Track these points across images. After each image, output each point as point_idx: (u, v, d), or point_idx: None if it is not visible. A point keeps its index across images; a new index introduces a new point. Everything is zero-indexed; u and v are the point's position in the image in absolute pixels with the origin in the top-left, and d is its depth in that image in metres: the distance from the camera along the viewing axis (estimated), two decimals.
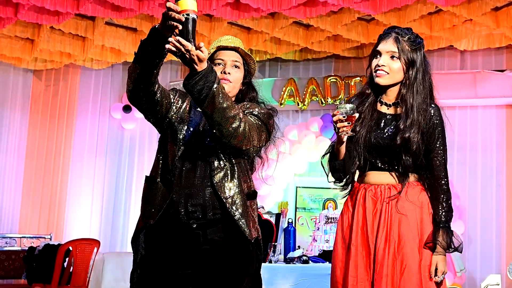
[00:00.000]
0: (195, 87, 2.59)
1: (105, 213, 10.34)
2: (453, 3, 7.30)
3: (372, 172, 3.11)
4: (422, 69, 3.06)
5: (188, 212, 2.85)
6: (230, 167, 2.92)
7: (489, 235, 8.88)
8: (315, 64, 10.27)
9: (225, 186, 2.87)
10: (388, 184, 3.07)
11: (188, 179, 2.88)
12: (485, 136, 9.18)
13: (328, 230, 6.92)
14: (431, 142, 3.05)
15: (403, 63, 3.02)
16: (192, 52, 2.52)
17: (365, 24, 8.72)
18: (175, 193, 2.88)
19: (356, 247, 3.05)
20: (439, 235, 2.97)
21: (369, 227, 3.03)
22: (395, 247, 2.96)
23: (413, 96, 3.01)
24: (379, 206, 3.05)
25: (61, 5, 7.39)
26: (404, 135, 2.98)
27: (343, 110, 2.91)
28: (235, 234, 2.88)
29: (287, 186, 9.77)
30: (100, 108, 10.60)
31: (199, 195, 2.86)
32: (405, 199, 3.02)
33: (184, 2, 2.47)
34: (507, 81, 8.95)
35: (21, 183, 10.32)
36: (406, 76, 3.03)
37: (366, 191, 3.10)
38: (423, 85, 3.04)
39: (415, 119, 2.99)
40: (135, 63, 2.77)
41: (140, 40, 8.17)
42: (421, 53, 3.07)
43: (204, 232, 2.87)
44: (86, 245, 8.02)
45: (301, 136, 9.65)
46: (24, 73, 10.45)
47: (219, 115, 2.64)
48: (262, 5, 7.45)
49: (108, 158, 10.51)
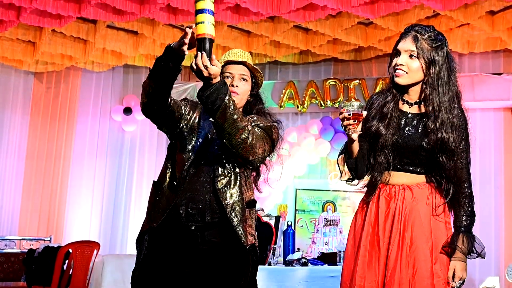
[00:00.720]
0: (209, 98, 2.77)
1: (105, 215, 10.36)
2: (450, 7, 7.36)
3: (393, 173, 3.02)
4: (445, 67, 2.96)
5: (188, 215, 3.01)
6: (234, 175, 3.07)
7: (487, 237, 8.91)
8: (315, 67, 10.32)
9: (226, 193, 3.03)
10: (403, 185, 2.98)
11: (191, 183, 3.04)
12: (483, 139, 9.21)
13: (327, 233, 6.96)
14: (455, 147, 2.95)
15: (422, 62, 2.94)
16: (210, 69, 2.73)
17: (363, 28, 8.77)
18: (178, 196, 3.03)
19: (365, 247, 2.98)
20: (459, 240, 2.88)
21: (380, 228, 2.97)
22: (407, 250, 2.89)
23: (438, 95, 2.93)
24: (392, 206, 2.97)
25: (63, 9, 7.45)
26: (437, 135, 2.90)
27: (350, 108, 2.88)
28: (232, 238, 3.02)
29: (286, 188, 9.81)
30: (100, 110, 10.63)
31: (200, 199, 3.02)
32: (419, 201, 2.95)
33: (203, 26, 2.71)
34: (504, 84, 9.01)
35: (21, 185, 10.31)
36: (427, 75, 2.95)
37: (381, 191, 3.03)
38: (448, 84, 2.96)
39: (445, 118, 2.91)
40: (150, 79, 2.99)
41: (140, 42, 8.14)
42: (443, 51, 2.97)
43: (202, 234, 3.02)
44: (86, 247, 8.04)
45: (301, 139, 9.69)
46: (25, 75, 10.47)
47: (229, 126, 2.83)
48: (262, 9, 7.51)
49: (109, 160, 10.53)
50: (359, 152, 3.03)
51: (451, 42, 8.58)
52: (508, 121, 9.22)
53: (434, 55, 2.94)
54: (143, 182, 10.38)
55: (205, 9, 2.72)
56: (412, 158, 2.97)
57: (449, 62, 2.99)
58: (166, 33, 8.75)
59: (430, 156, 2.95)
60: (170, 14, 7.84)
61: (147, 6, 7.46)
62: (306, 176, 9.94)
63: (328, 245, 6.88)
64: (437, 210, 2.95)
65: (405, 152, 2.98)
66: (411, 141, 2.96)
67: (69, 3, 7.46)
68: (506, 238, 8.94)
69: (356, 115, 2.88)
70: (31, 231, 10.11)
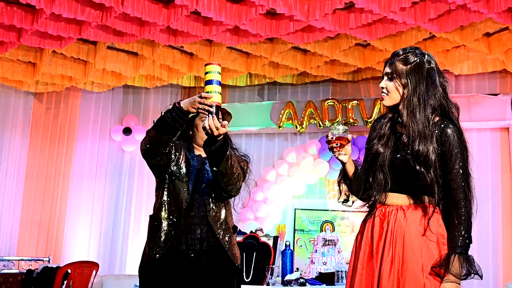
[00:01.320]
0: (216, 152, 3.28)
1: (104, 236, 10.36)
2: (446, 29, 7.45)
3: (389, 194, 3.02)
4: (423, 83, 2.95)
5: (188, 245, 3.49)
6: (221, 208, 3.58)
7: (485, 256, 8.93)
8: (313, 88, 10.39)
9: (217, 224, 3.53)
10: (398, 205, 2.97)
11: (187, 218, 3.51)
12: (480, 159, 9.25)
13: (326, 253, 6.96)
14: (448, 164, 2.88)
15: (397, 82, 2.98)
16: (220, 130, 3.19)
17: (361, 49, 8.86)
18: (178, 230, 3.49)
19: (362, 265, 3.00)
20: (451, 262, 2.79)
21: (374, 247, 2.98)
22: (399, 269, 2.87)
23: (407, 112, 2.95)
24: (385, 226, 2.97)
25: (63, 30, 7.52)
26: (416, 150, 2.88)
27: (334, 132, 3.02)
28: (224, 260, 3.54)
29: (285, 208, 9.83)
30: (100, 130, 10.68)
31: (197, 231, 3.51)
32: (411, 221, 2.92)
33: (216, 95, 3.19)
34: (500, 104, 9.08)
35: (20, 205, 10.32)
36: (403, 94, 2.97)
37: (377, 211, 3.04)
38: (425, 99, 2.93)
39: (420, 132, 2.89)
40: (156, 131, 3.40)
41: (139, 63, 8.22)
42: (420, 68, 2.98)
43: (199, 259, 3.49)
44: (84, 267, 8.06)
45: (299, 159, 9.73)
46: (25, 96, 10.53)
47: (225, 168, 3.36)
48: (260, 30, 7.59)
49: (108, 181, 10.56)
50: (354, 173, 3.11)
51: (448, 63, 8.68)
52: (505, 141, 9.28)
53: (409, 74, 2.97)
54: (142, 202, 10.40)
55: (213, 80, 3.20)
56: (407, 180, 2.96)
57: (426, 77, 2.98)
58: (166, 54, 8.82)
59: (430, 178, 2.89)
60: (169, 35, 7.92)
61: (147, 27, 7.53)
62: (305, 196, 9.96)
63: (326, 265, 6.87)
64: (429, 230, 2.90)
65: (399, 174, 2.98)
66: (403, 163, 2.96)
67: (70, 25, 7.53)
68: (504, 257, 8.96)
69: (339, 139, 3.01)
70: (30, 251, 10.11)
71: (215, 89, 3.19)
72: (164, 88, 10.73)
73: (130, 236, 10.29)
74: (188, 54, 9.07)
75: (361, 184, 3.12)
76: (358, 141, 9.54)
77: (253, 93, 10.59)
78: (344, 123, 9.65)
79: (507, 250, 8.97)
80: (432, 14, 7.03)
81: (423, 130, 2.89)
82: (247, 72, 9.39)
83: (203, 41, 8.43)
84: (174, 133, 3.37)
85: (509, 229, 9.03)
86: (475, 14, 7.03)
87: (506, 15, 7.13)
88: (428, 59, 3.03)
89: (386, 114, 3.13)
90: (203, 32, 7.64)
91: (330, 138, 3.02)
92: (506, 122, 9.13)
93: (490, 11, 6.85)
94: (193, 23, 7.53)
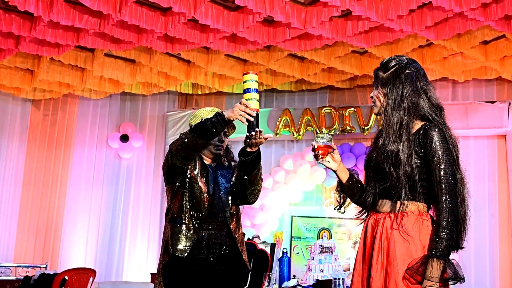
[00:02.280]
0: (254, 160, 3.57)
1: (101, 242, 10.34)
2: (443, 37, 7.48)
3: (379, 200, 3.02)
4: (400, 86, 2.98)
5: (209, 249, 3.67)
6: (237, 214, 3.81)
7: (482, 264, 8.94)
8: (310, 95, 10.41)
9: (236, 229, 3.75)
10: (386, 213, 2.95)
11: (208, 223, 3.69)
12: (477, 166, 9.28)
13: (323, 260, 6.97)
14: (430, 167, 2.85)
15: (379, 89, 3.05)
16: (262, 139, 3.48)
17: (358, 56, 8.88)
18: (200, 234, 3.67)
19: (358, 272, 3.05)
20: (428, 268, 2.73)
21: (366, 254, 3.02)
22: (383, 279, 2.87)
23: (384, 116, 3.01)
24: (375, 234, 2.98)
25: (61, 38, 7.53)
26: (384, 150, 2.92)
27: (319, 140, 3.15)
28: (239, 264, 3.75)
29: (282, 215, 9.82)
30: (97, 137, 10.67)
31: (218, 236, 3.70)
32: (396, 232, 2.89)
33: (254, 103, 3.39)
34: (498, 112, 9.10)
35: (17, 211, 10.29)
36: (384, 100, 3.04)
37: (370, 218, 3.07)
38: (398, 102, 2.96)
39: (390, 133, 2.93)
40: (195, 135, 3.51)
41: (137, 70, 8.27)
42: (398, 73, 3.02)
43: (217, 263, 3.67)
44: (82, 274, 8.04)
45: (296, 166, 9.73)
46: (23, 103, 10.53)
47: (256, 177, 3.67)
48: (258, 38, 7.61)
49: (105, 187, 10.54)
50: (348, 180, 3.21)
51: (444, 70, 8.71)
52: (502, 149, 9.29)
53: (388, 80, 3.02)
54: (139, 208, 10.39)
55: (251, 89, 3.43)
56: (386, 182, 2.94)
57: (406, 80, 3.00)
58: (163, 61, 8.84)
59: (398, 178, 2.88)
60: (167, 43, 7.93)
61: (145, 35, 7.54)
62: (302, 203, 9.97)
63: (323, 272, 6.88)
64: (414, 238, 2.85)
65: (379, 177, 2.98)
66: (380, 164, 2.97)
67: (68, 32, 7.54)
68: (501, 264, 8.95)
69: (321, 147, 3.14)
70: (27, 258, 10.09)
71: (254, 96, 3.40)
72: (162, 95, 10.74)
73: (127, 242, 10.27)
74: (185, 61, 9.09)
75: (354, 190, 3.19)
76: (355, 148, 9.56)
77: None
78: (341, 130, 9.68)
79: (504, 258, 8.97)
80: (429, 21, 7.06)
81: (395, 131, 2.91)
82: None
83: (200, 49, 8.45)
84: (211, 138, 3.51)
85: (506, 237, 9.03)
86: (472, 21, 7.06)
87: (503, 22, 7.16)
88: (408, 64, 3.06)
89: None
90: (200, 40, 7.66)
91: (315, 146, 3.15)
92: (503, 130, 9.14)
93: (487, 18, 6.89)
94: (190, 30, 7.55)
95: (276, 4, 6.62)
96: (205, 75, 9.38)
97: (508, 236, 9.02)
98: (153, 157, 10.60)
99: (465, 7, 6.56)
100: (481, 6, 6.75)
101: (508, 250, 8.97)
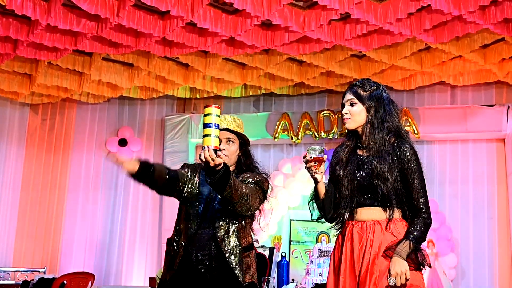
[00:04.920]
0: (218, 183, 3.34)
1: (100, 247, 10.32)
2: (442, 40, 7.47)
3: (359, 209, 3.35)
4: (381, 108, 3.38)
5: (198, 261, 3.66)
6: (231, 225, 3.71)
7: (481, 267, 8.93)
8: (309, 99, 10.40)
9: (225, 241, 3.66)
10: (373, 220, 3.29)
11: (198, 235, 3.68)
12: (476, 169, 9.29)
13: (322, 264, 6.95)
14: (407, 177, 3.28)
15: (362, 105, 3.39)
16: (216, 161, 3.23)
17: (357, 60, 8.87)
18: (189, 248, 3.68)
19: (344, 278, 3.28)
20: (401, 244, 3.14)
21: (355, 260, 3.27)
22: (375, 279, 3.16)
23: (371, 133, 3.35)
24: (364, 240, 3.26)
25: (59, 42, 7.52)
26: (373, 167, 3.28)
27: (312, 152, 3.32)
28: (231, 279, 3.66)
29: (281, 219, 9.80)
30: (95, 141, 10.66)
31: (207, 248, 3.67)
32: (388, 234, 3.24)
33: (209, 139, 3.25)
34: (496, 115, 9.11)
35: (16, 216, 10.28)
36: (367, 117, 3.38)
37: (354, 227, 3.33)
38: (383, 122, 3.35)
39: (377, 151, 3.31)
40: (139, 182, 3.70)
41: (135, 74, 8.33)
42: (378, 94, 3.41)
43: (211, 275, 3.65)
44: (80, 278, 8.03)
45: (295, 170, 9.72)
46: (21, 107, 10.52)
47: (233, 196, 3.45)
48: (256, 41, 7.60)
49: (103, 191, 10.53)
50: (325, 194, 3.43)
51: (443, 74, 8.71)
52: (501, 152, 9.29)
53: (370, 99, 3.39)
54: (138, 213, 10.38)
55: (211, 124, 3.27)
56: (373, 194, 3.30)
57: (384, 103, 3.40)
58: (161, 65, 8.83)
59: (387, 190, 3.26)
60: (165, 47, 7.92)
61: (143, 39, 7.54)
62: (301, 207, 9.93)
63: (322, 276, 6.85)
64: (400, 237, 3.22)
65: (364, 190, 3.32)
66: (366, 179, 3.32)
67: (65, 36, 7.53)
68: (500, 267, 8.95)
69: (317, 159, 3.32)
70: (26, 262, 10.07)
71: (213, 132, 3.27)
72: (160, 100, 10.73)
73: (126, 247, 10.25)
74: (183, 65, 9.07)
75: (331, 203, 3.44)
76: None
77: (248, 104, 10.59)
78: (340, 134, 9.67)
79: (503, 261, 8.96)
80: (428, 25, 7.06)
81: (380, 149, 3.31)
82: (242, 83, 9.39)
83: (198, 52, 8.44)
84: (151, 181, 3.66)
85: (505, 240, 9.03)
86: (471, 25, 7.06)
87: (502, 26, 7.15)
88: (382, 88, 3.47)
89: (344, 142, 3.52)
90: (198, 43, 7.65)
91: (309, 157, 3.33)
92: (502, 133, 9.14)
93: (486, 22, 6.88)
94: (188, 34, 7.54)
95: (275, 8, 6.61)
96: (203, 79, 9.37)
97: (507, 240, 9.01)
98: (152, 161, 10.55)
99: (464, 10, 6.55)
100: (480, 9, 6.75)
101: (507, 254, 8.96)
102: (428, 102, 9.67)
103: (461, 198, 9.28)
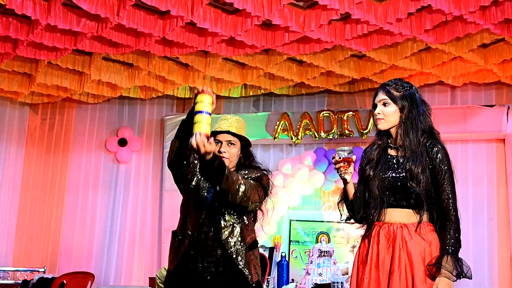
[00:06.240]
0: (213, 176, 3.37)
1: (100, 246, 10.32)
2: (442, 40, 7.47)
3: (389, 210, 3.35)
4: (415, 109, 3.39)
5: (204, 267, 3.65)
6: (234, 224, 3.71)
7: (481, 268, 8.93)
8: (309, 99, 10.39)
9: (230, 242, 3.66)
10: (400, 223, 3.29)
11: (202, 237, 3.68)
12: (476, 170, 9.28)
13: (321, 264, 6.96)
14: (438, 178, 3.27)
15: (393, 106, 3.39)
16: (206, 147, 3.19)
17: (357, 60, 8.87)
18: (194, 251, 3.68)
19: (369, 279, 3.29)
20: (444, 260, 3.13)
21: (380, 262, 3.28)
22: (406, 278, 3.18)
23: (407, 133, 3.35)
24: (391, 244, 3.28)
25: (59, 41, 7.51)
26: (408, 169, 3.27)
27: (341, 153, 3.38)
28: (240, 280, 3.65)
29: (281, 219, 9.79)
30: (95, 141, 10.65)
31: (213, 253, 3.66)
32: (417, 237, 3.25)
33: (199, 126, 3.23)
34: (496, 115, 9.10)
35: (15, 215, 10.28)
36: (400, 117, 3.38)
37: (380, 229, 3.34)
38: (417, 123, 3.36)
39: (413, 152, 3.29)
40: (177, 139, 3.63)
41: (135, 74, 8.33)
42: (411, 95, 3.41)
43: (216, 281, 3.64)
44: (80, 278, 8.04)
45: (295, 170, 9.71)
46: (21, 107, 10.52)
47: (230, 187, 3.43)
48: (256, 41, 7.60)
49: (103, 191, 10.52)
50: (354, 194, 3.45)
51: (443, 74, 8.70)
52: (501, 152, 9.29)
53: (403, 99, 3.39)
54: (137, 213, 10.37)
55: (202, 111, 3.26)
56: (404, 195, 3.30)
57: (417, 104, 3.42)
58: (161, 65, 8.82)
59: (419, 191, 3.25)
60: (165, 46, 7.92)
61: (143, 38, 7.53)
62: (300, 207, 9.93)
63: (322, 276, 6.87)
64: (432, 245, 3.25)
65: (395, 191, 3.32)
66: (397, 180, 3.32)
67: (65, 36, 7.53)
68: (500, 268, 8.95)
69: (346, 159, 3.37)
70: (26, 262, 10.06)
71: (205, 119, 3.26)
72: (160, 99, 10.72)
73: (126, 246, 10.24)
74: (183, 65, 9.07)
75: (361, 204, 3.44)
76: (354, 152, 9.53)
77: (248, 104, 10.59)
78: (340, 134, 9.66)
79: (503, 262, 8.96)
80: (428, 25, 7.05)
81: (415, 150, 3.30)
82: (242, 83, 9.39)
83: (198, 52, 8.43)
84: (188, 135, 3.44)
85: (505, 241, 9.02)
86: (471, 25, 7.05)
87: (502, 26, 7.15)
88: (415, 89, 3.49)
89: (375, 142, 3.53)
90: (198, 43, 7.65)
91: (338, 158, 3.37)
92: (502, 133, 9.14)
93: (486, 22, 6.88)
94: (188, 34, 7.54)
95: (275, 8, 6.60)
96: (203, 79, 9.37)
97: (506, 240, 9.01)
98: (152, 161, 10.58)
99: (464, 11, 6.55)
100: (480, 9, 6.74)
101: (507, 254, 8.96)
102: (428, 102, 9.67)
103: (461, 198, 9.22)
